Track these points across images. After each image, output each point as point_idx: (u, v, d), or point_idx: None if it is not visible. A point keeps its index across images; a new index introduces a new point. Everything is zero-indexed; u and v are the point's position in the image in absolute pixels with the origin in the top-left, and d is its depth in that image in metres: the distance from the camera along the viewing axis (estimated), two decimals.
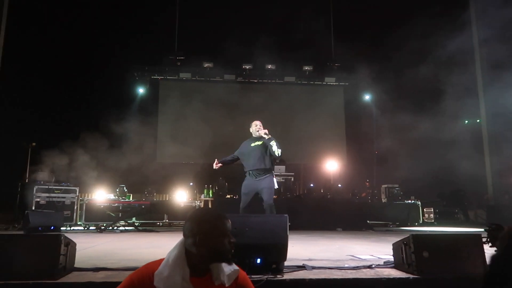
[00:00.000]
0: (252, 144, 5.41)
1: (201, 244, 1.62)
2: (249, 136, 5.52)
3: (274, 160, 5.41)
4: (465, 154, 11.24)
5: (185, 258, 1.64)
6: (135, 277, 1.62)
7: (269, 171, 5.27)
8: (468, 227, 9.79)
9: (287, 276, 2.61)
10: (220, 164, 5.54)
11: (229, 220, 1.73)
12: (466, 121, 13.97)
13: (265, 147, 5.26)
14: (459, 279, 2.59)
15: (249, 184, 5.30)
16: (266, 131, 5.30)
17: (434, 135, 11.15)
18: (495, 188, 12.95)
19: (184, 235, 1.70)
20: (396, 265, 2.93)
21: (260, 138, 5.35)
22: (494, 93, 12.25)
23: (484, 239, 2.39)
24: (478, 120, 13.68)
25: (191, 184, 10.91)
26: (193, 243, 1.63)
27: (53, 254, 2.50)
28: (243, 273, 1.78)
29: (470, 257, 2.68)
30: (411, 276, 2.62)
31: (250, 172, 5.28)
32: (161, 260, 1.67)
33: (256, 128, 5.45)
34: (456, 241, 2.79)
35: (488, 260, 1.41)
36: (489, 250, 2.62)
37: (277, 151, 5.14)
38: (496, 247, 1.58)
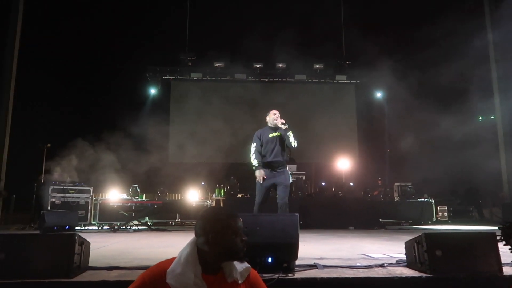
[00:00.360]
0: (270, 135, 5.21)
1: (213, 242, 1.64)
2: (262, 127, 5.36)
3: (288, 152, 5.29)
4: (479, 152, 11.07)
5: (197, 256, 1.66)
6: (146, 276, 1.64)
7: (285, 164, 5.17)
8: (483, 225, 9.65)
9: (298, 275, 2.61)
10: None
11: (241, 219, 1.74)
12: (481, 118, 13.75)
13: (282, 138, 5.12)
14: (473, 278, 2.55)
15: (266, 176, 5.06)
16: (283, 121, 5.12)
17: (447, 133, 11.00)
18: (511, 185, 12.72)
19: (196, 233, 1.72)
20: (409, 264, 2.90)
21: (277, 128, 5.16)
22: (509, 89, 12.03)
23: (498, 237, 2.34)
24: (492, 117, 13.45)
25: (203, 183, 10.97)
26: (205, 241, 1.65)
27: (68, 253, 2.54)
28: (254, 271, 1.80)
29: (484, 256, 2.64)
30: (423, 275, 2.60)
31: (268, 163, 5.08)
32: (173, 259, 1.69)
33: (275, 117, 5.22)
34: (470, 239, 2.74)
35: None
36: (503, 249, 2.58)
37: (293, 142, 5.03)
38: (510, 245, 1.56)
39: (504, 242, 1.56)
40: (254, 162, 5.13)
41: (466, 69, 10.95)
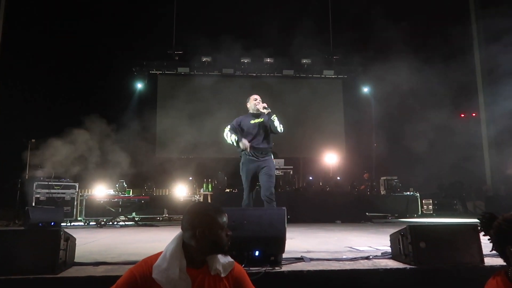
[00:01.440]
0: (252, 121, 4.89)
1: (201, 237, 1.67)
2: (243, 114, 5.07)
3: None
4: (464, 146, 11.27)
5: (183, 251, 1.69)
6: (135, 271, 1.66)
7: (269, 151, 4.88)
8: (466, 218, 9.85)
9: (285, 268, 2.63)
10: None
11: (226, 214, 1.79)
12: (463, 114, 13.99)
13: (265, 124, 4.82)
14: (456, 269, 2.62)
15: (250, 166, 4.80)
16: (265, 105, 4.83)
17: (433, 128, 11.17)
18: (494, 179, 13.01)
19: (182, 228, 1.75)
20: (394, 256, 2.95)
21: (259, 114, 4.88)
22: (493, 85, 12.26)
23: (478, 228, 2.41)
24: (473, 114, 13.72)
25: (191, 178, 10.94)
26: (192, 236, 1.68)
27: (53, 249, 2.51)
28: (238, 266, 1.83)
29: (466, 247, 2.70)
30: (408, 266, 2.65)
31: (251, 152, 4.78)
32: (159, 253, 1.71)
33: (256, 102, 4.92)
34: (453, 231, 2.80)
35: None
36: (485, 240, 2.64)
37: (279, 126, 4.72)
38: (490, 236, 1.61)
39: (483, 233, 1.61)
40: (232, 137, 4.82)
41: (452, 65, 11.11)
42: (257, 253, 2.70)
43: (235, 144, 4.83)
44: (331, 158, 12.77)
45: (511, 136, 11.22)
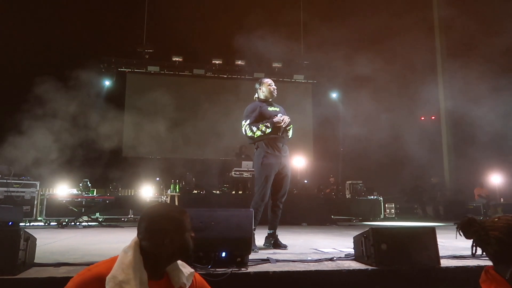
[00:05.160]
0: (270, 108, 4.19)
1: (168, 243, 1.51)
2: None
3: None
4: (425, 150, 11.73)
5: (142, 261, 1.50)
6: (79, 284, 1.42)
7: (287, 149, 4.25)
8: (426, 221, 10.24)
9: (251, 269, 2.66)
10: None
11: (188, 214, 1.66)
12: (423, 117, 14.55)
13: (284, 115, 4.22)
14: (415, 270, 2.73)
15: (273, 161, 4.03)
16: (286, 119, 4.17)
17: (395, 133, 11.55)
18: (452, 184, 13.62)
19: (139, 235, 1.56)
20: (356, 257, 3.05)
21: (272, 103, 4.28)
22: (452, 89, 12.84)
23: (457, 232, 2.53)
24: (433, 117, 14.33)
25: (158, 179, 10.79)
26: (155, 243, 1.51)
27: (12, 249, 2.42)
28: (198, 275, 1.75)
29: (424, 249, 2.83)
30: (369, 267, 2.74)
31: (274, 140, 4.08)
32: (106, 262, 1.51)
33: (271, 88, 4.24)
34: (413, 234, 2.93)
35: None
36: (441, 243, 2.79)
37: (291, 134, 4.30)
38: (473, 239, 1.64)
39: (464, 236, 1.67)
40: (259, 126, 4.01)
41: (414, 70, 11.56)
42: (224, 254, 2.72)
43: (266, 131, 4.02)
44: (299, 161, 12.92)
45: (470, 141, 11.75)
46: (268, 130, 4.02)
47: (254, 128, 4.04)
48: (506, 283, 1.49)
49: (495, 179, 11.34)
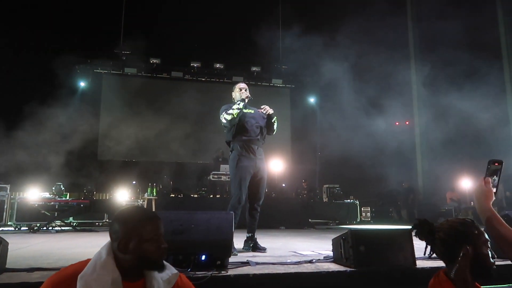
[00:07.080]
0: (246, 110, 4.19)
1: (133, 250, 1.43)
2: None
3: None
4: (400, 155, 11.99)
5: (114, 262, 1.44)
6: (54, 283, 1.39)
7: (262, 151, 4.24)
8: (401, 224, 10.47)
9: (231, 271, 2.65)
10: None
11: (161, 221, 1.54)
12: (397, 123, 14.91)
13: (260, 118, 4.27)
14: (392, 271, 2.79)
15: (247, 163, 4.03)
16: (268, 109, 4.28)
17: (370, 137, 11.77)
18: (426, 188, 13.99)
19: (111, 238, 1.49)
20: (335, 259, 3.08)
21: (247, 106, 4.25)
22: (427, 95, 13.21)
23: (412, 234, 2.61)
24: (407, 122, 14.71)
25: (134, 182, 10.60)
26: (122, 248, 1.44)
27: None
28: (183, 277, 1.65)
29: (401, 250, 2.90)
30: (348, 269, 2.78)
31: (247, 142, 4.10)
32: (85, 262, 1.47)
33: (242, 92, 4.28)
34: (390, 236, 3.00)
35: None
36: (417, 244, 2.85)
37: (276, 129, 4.32)
38: (429, 241, 1.70)
39: (420, 239, 1.74)
40: (233, 111, 4.06)
41: (389, 77, 11.83)
42: (203, 257, 2.70)
43: (240, 105, 4.10)
44: (277, 165, 12.98)
45: (442, 145, 12.10)
46: (242, 104, 4.11)
47: (230, 110, 4.09)
48: (451, 285, 1.55)
49: (466, 183, 11.70)
